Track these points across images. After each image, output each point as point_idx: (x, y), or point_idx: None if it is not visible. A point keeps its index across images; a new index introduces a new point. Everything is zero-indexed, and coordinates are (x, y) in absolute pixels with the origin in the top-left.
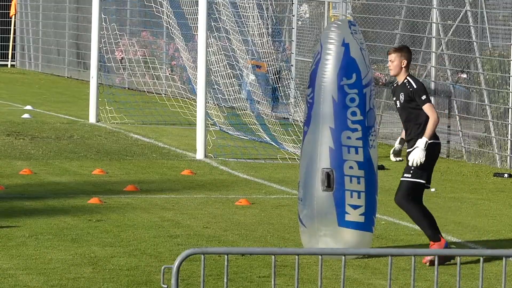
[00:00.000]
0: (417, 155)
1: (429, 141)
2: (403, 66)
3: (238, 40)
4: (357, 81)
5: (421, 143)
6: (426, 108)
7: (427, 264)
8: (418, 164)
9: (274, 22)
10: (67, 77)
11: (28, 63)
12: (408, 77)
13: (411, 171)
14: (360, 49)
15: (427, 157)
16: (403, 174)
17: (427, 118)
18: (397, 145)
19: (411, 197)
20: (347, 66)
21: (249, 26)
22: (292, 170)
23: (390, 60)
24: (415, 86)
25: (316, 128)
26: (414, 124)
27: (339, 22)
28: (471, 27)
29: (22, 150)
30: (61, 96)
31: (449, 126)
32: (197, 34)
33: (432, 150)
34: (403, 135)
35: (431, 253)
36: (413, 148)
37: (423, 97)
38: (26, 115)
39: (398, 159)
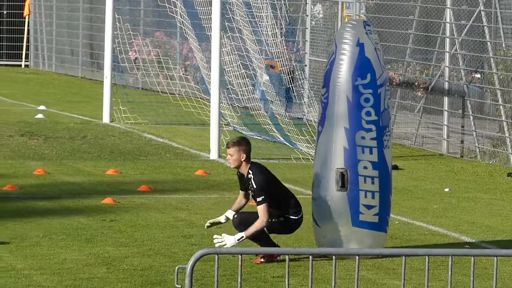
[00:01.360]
0: (228, 242)
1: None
2: (242, 159)
3: (252, 40)
4: (371, 81)
5: (238, 236)
6: (259, 209)
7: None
8: (222, 247)
9: (288, 22)
10: (81, 77)
11: (42, 63)
12: (250, 171)
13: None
14: (374, 49)
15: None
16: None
17: (280, 206)
18: (222, 218)
19: None
20: (362, 66)
21: (263, 26)
22: (306, 170)
23: (229, 154)
24: (255, 186)
25: (331, 128)
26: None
27: (354, 22)
28: (485, 27)
29: (36, 150)
30: (75, 96)
31: (463, 126)
32: (211, 34)
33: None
34: (234, 208)
35: (445, 254)
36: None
37: (259, 199)
38: (40, 115)
39: (208, 225)
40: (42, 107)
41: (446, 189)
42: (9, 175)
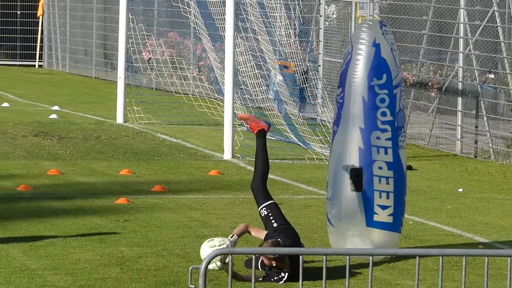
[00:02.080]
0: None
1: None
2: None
3: (266, 41)
4: (387, 82)
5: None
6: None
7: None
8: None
9: (302, 22)
10: (95, 77)
11: (55, 63)
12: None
13: None
14: (391, 49)
15: None
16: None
17: None
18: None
19: None
20: (378, 67)
21: (277, 26)
22: (319, 170)
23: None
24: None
25: (346, 128)
26: None
27: (370, 23)
28: (499, 27)
29: (49, 151)
30: (89, 96)
31: (476, 127)
32: (224, 35)
33: None
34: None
35: (459, 254)
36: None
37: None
38: (53, 116)
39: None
40: (55, 108)
41: (460, 190)
42: (23, 175)
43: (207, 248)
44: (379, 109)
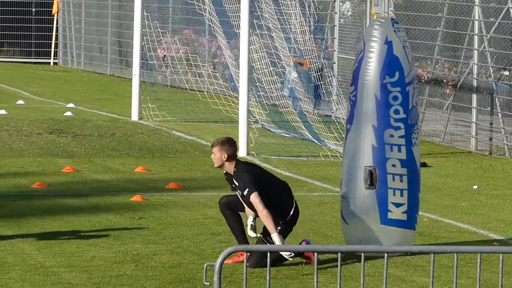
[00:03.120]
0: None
1: (278, 228)
2: (224, 159)
3: (281, 38)
4: (400, 79)
5: (276, 240)
6: (252, 200)
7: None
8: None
9: (316, 19)
10: (110, 75)
11: (70, 61)
12: (235, 168)
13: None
14: (403, 47)
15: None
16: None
17: (272, 203)
18: (250, 222)
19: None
20: (390, 64)
21: (291, 23)
22: (334, 167)
23: (213, 152)
24: (237, 184)
25: (359, 126)
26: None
27: (382, 20)
28: None
29: (64, 148)
30: (104, 94)
31: (491, 124)
32: (239, 32)
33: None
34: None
35: (474, 251)
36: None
37: (245, 192)
38: (68, 113)
39: (255, 234)
40: (70, 105)
41: (475, 187)
42: (38, 172)
43: None
44: (392, 106)
